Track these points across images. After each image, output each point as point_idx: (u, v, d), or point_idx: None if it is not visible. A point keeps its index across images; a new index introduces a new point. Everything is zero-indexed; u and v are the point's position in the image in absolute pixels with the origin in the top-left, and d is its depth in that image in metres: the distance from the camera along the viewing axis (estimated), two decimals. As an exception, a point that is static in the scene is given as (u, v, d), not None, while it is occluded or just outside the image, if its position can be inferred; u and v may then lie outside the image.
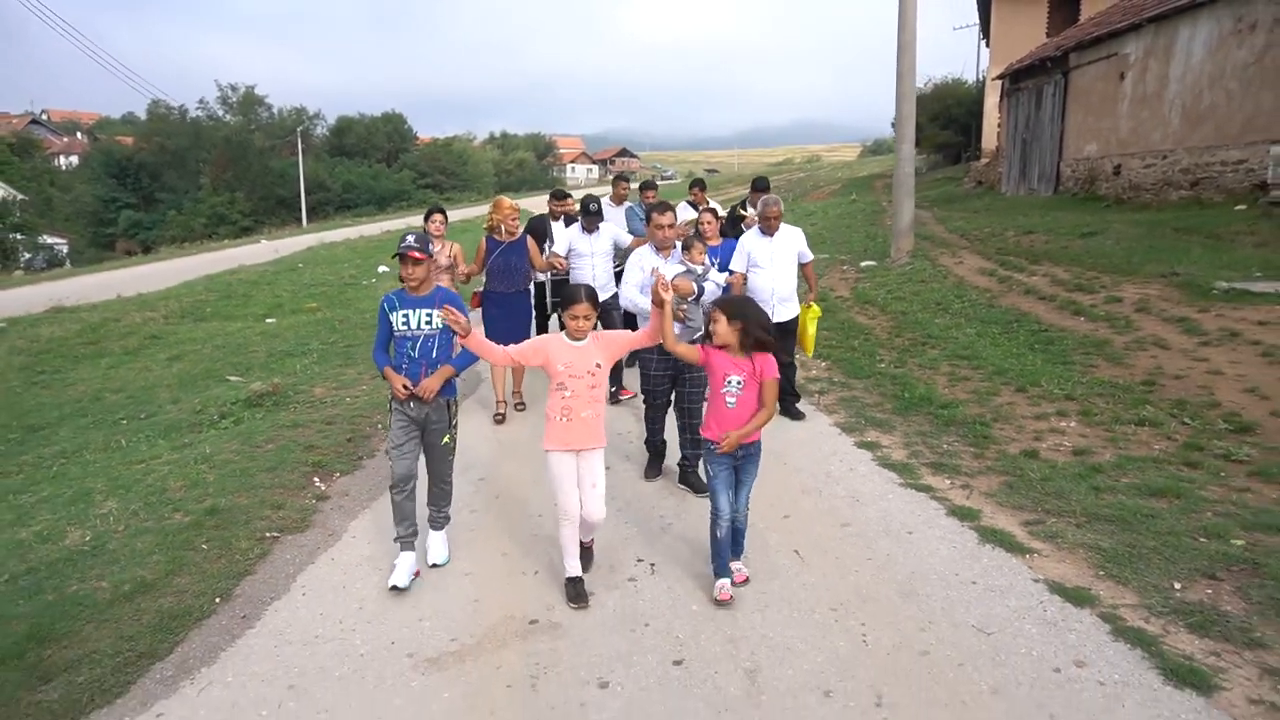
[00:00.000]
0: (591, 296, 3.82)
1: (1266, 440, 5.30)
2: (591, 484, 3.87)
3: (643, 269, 5.26)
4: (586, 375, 3.77)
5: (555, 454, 3.83)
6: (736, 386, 3.70)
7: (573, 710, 3.08)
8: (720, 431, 3.72)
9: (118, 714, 3.19)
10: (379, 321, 4.20)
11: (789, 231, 6.63)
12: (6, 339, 11.85)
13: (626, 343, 4.06)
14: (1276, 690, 2.94)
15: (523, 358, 3.89)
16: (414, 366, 4.11)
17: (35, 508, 5.38)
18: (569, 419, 3.77)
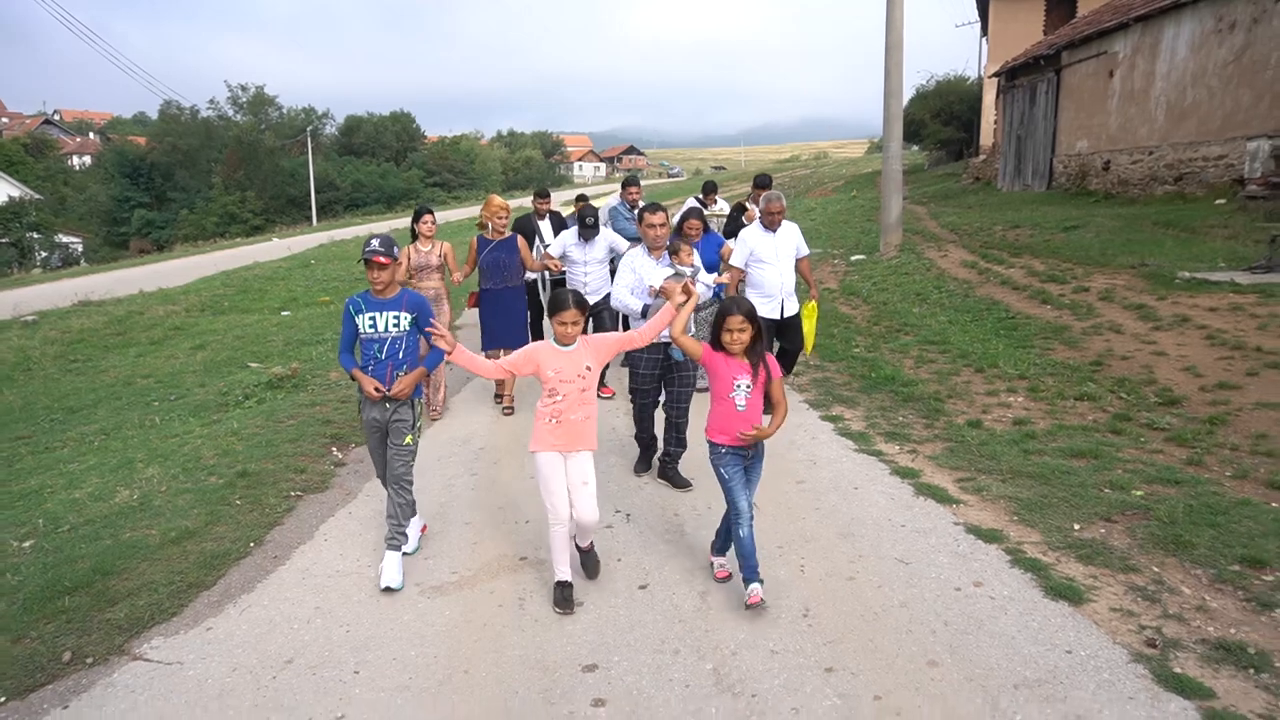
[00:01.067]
0: (579, 303, 3.80)
1: (1190, 411, 5.88)
2: (582, 482, 3.81)
3: (634, 270, 5.31)
4: (577, 379, 3.76)
5: (542, 454, 3.81)
6: (746, 389, 3.65)
7: (552, 623, 3.69)
8: (732, 434, 3.67)
9: (174, 628, 3.82)
10: (343, 324, 4.21)
11: (790, 228, 6.75)
12: (39, 330, 12.59)
13: (616, 343, 4.00)
14: (1135, 602, 3.53)
15: (514, 368, 3.85)
16: (380, 368, 4.13)
17: (84, 474, 6.03)
18: (558, 421, 3.77)
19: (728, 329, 3.61)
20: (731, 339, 3.62)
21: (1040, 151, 23.00)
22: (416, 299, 4.20)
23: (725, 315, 3.62)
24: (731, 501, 3.73)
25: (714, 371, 3.72)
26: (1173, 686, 2.94)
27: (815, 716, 2.92)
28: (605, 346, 3.94)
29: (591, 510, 3.85)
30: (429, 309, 4.21)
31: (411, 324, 4.16)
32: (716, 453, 3.77)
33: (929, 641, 3.32)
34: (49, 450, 7.02)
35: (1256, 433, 5.31)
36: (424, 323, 4.10)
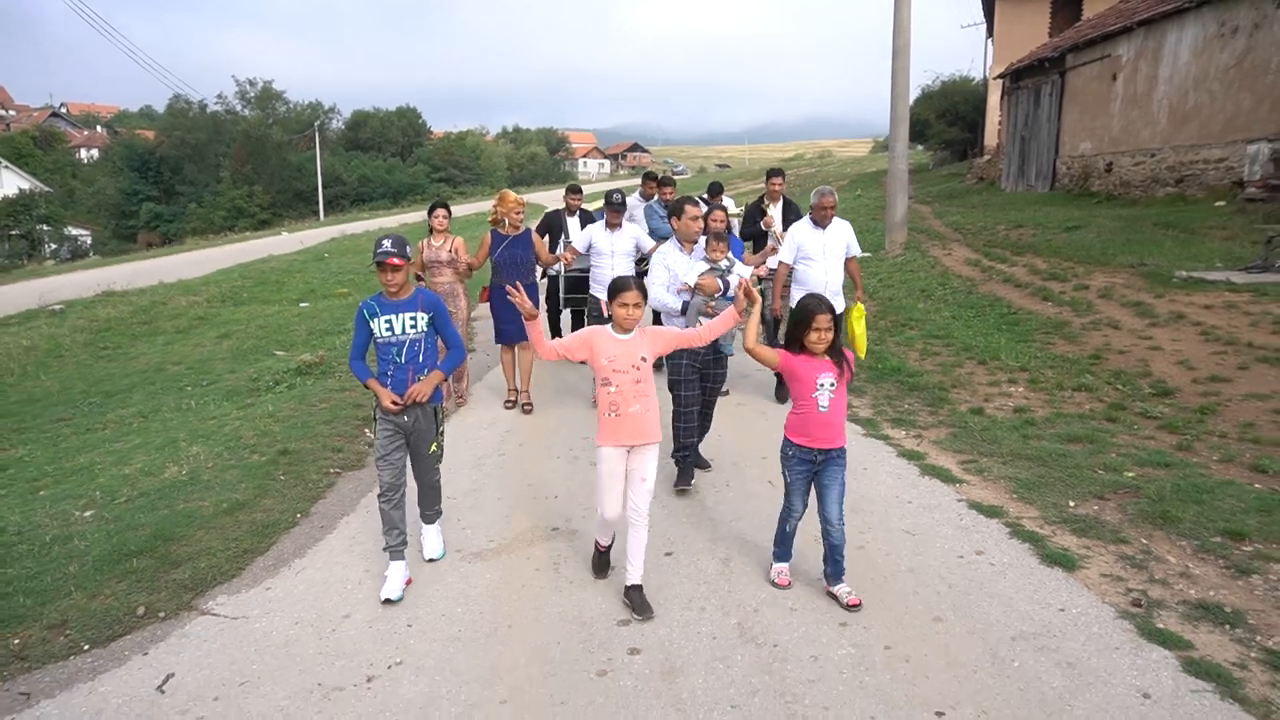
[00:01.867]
0: (641, 285, 3.70)
1: (1182, 402, 6.18)
2: (641, 477, 3.71)
3: (668, 268, 5.17)
4: (631, 370, 3.62)
5: (605, 449, 3.71)
6: (830, 389, 3.56)
7: (585, 583, 4.01)
8: (811, 436, 3.61)
9: (235, 588, 4.14)
10: (356, 329, 4.02)
11: (840, 224, 6.55)
12: (67, 319, 12.94)
13: (674, 339, 3.85)
14: (1123, 569, 3.85)
15: (569, 351, 3.73)
16: (400, 373, 3.97)
17: (131, 452, 6.35)
18: (616, 414, 3.64)
19: (815, 328, 3.50)
20: (819, 338, 3.51)
21: (1044, 153, 23.26)
22: (432, 298, 4.05)
23: (811, 314, 3.51)
24: (788, 499, 3.78)
25: (794, 374, 3.61)
26: (1155, 639, 3.25)
27: (832, 662, 3.23)
28: (663, 340, 3.80)
29: (644, 504, 3.72)
30: (445, 307, 4.11)
31: (429, 324, 4.03)
32: (785, 454, 3.72)
33: (934, 601, 3.64)
34: (91, 431, 7.34)
35: (1244, 421, 5.61)
36: (441, 322, 4.05)
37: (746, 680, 3.16)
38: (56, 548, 4.56)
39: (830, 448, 3.63)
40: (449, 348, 4.12)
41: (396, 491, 4.05)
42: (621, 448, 3.70)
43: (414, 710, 3.09)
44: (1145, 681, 3.02)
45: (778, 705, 3.00)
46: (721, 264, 5.02)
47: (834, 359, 3.57)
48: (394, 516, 4.05)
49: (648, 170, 11.73)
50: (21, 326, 12.89)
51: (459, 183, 69.27)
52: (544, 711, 3.05)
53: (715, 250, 5.09)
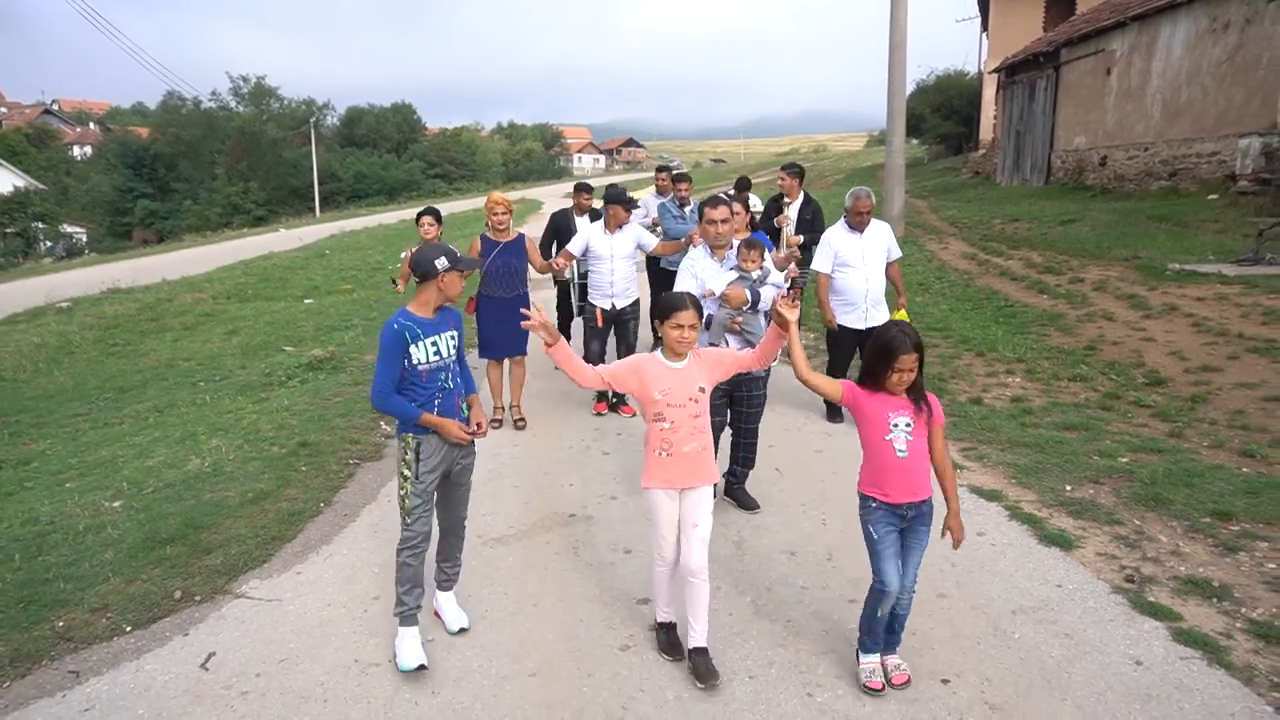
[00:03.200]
0: (697, 304, 3.25)
1: (1174, 391, 6.38)
2: (693, 524, 3.24)
3: (695, 276, 4.69)
4: (688, 403, 3.19)
5: (655, 492, 3.27)
6: (906, 429, 2.97)
7: (605, 566, 4.19)
8: (891, 486, 3.01)
9: (267, 573, 4.31)
10: (388, 356, 3.34)
11: (879, 227, 6.10)
12: (75, 316, 13.09)
13: (733, 363, 3.38)
14: (1117, 548, 4.05)
15: (616, 381, 3.25)
16: (448, 400, 3.48)
17: (151, 446, 6.51)
18: (669, 453, 3.21)
19: (899, 368, 2.89)
20: (900, 380, 2.92)
21: (1039, 147, 23.46)
22: (456, 314, 3.61)
23: (894, 351, 2.88)
24: (877, 570, 3.07)
25: (862, 413, 3.04)
26: (1147, 611, 3.45)
27: (843, 636, 3.42)
28: (721, 364, 3.34)
29: (700, 559, 3.24)
30: (460, 322, 3.67)
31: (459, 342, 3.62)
32: (867, 507, 3.10)
33: (938, 579, 3.83)
34: (109, 426, 7.49)
35: (1234, 409, 5.82)
36: (461, 337, 3.66)
37: (763, 653, 3.35)
38: (90, 536, 4.73)
39: (916, 500, 3.01)
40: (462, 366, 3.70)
41: (427, 542, 3.54)
42: (673, 489, 3.26)
43: (449, 682, 3.27)
44: (1138, 650, 3.21)
45: (792, 675, 3.19)
46: (753, 273, 4.58)
47: (912, 398, 2.98)
48: (419, 572, 3.54)
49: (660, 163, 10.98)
50: (30, 324, 13.04)
51: (454, 179, 69.34)
52: (572, 683, 3.23)
53: (747, 258, 4.60)
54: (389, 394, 3.37)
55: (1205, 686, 2.96)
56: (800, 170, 8.01)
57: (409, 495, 3.46)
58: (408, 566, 3.49)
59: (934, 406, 3.03)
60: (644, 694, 3.15)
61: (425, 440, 3.43)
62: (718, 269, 4.70)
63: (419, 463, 3.43)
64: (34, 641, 3.70)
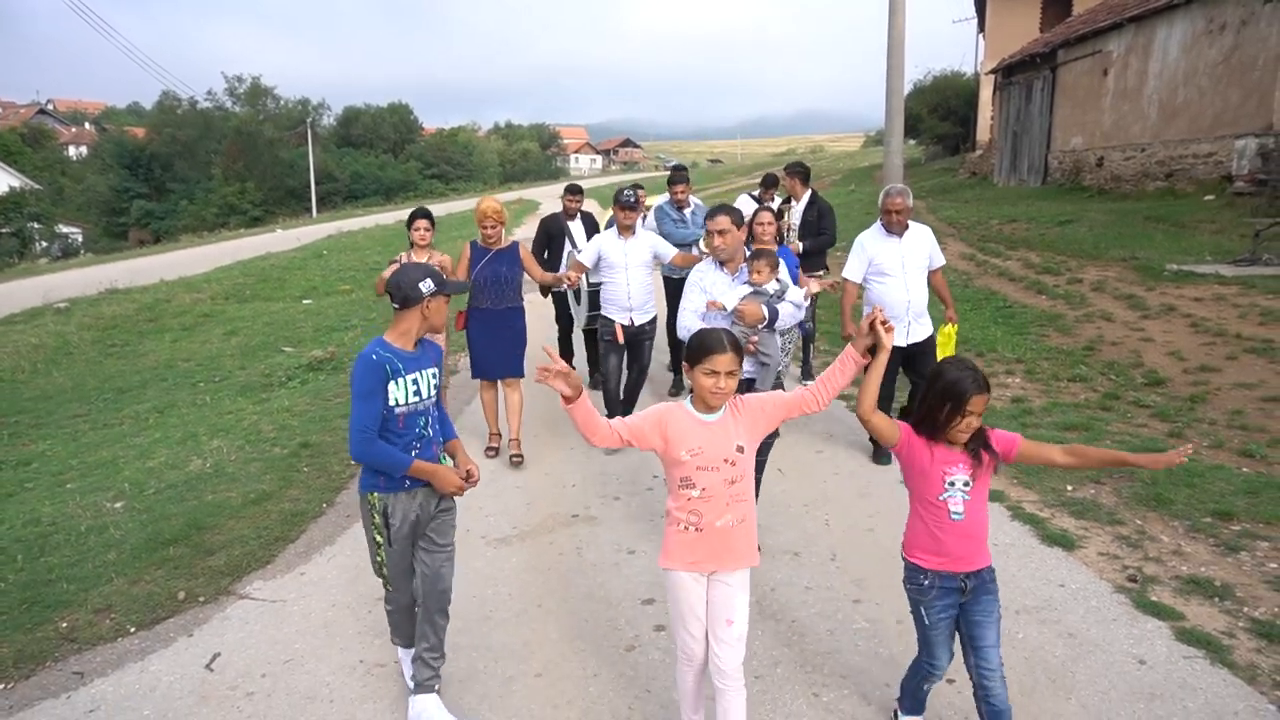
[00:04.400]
0: (736, 346, 2.59)
1: (1173, 391, 6.41)
2: (726, 620, 2.64)
3: (704, 290, 4.27)
4: (724, 465, 2.56)
5: (676, 575, 2.66)
6: (963, 488, 2.54)
7: (608, 567, 4.19)
8: (950, 558, 2.58)
9: (270, 574, 4.31)
10: (368, 394, 2.83)
11: (919, 231, 5.39)
12: (73, 316, 13.06)
13: (781, 406, 2.68)
14: (1119, 548, 4.07)
15: (636, 437, 2.63)
16: (426, 451, 2.99)
17: (152, 446, 6.50)
18: (698, 528, 2.59)
19: (970, 411, 2.45)
20: (968, 426, 2.48)
21: (1036, 147, 23.51)
22: (435, 348, 3.11)
23: (965, 394, 2.44)
24: (928, 652, 2.70)
25: (913, 464, 2.63)
26: (1149, 611, 3.46)
27: (848, 635, 3.44)
28: (765, 415, 2.66)
29: (733, 659, 2.63)
30: (441, 354, 3.20)
31: None
32: (916, 581, 2.69)
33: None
34: (108, 426, 7.48)
35: (1233, 409, 5.84)
36: (440, 374, 3.18)
37: (768, 653, 3.36)
38: (92, 537, 4.73)
39: (977, 569, 2.60)
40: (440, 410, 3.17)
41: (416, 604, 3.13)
42: (699, 573, 2.64)
43: (455, 684, 3.28)
44: (1141, 650, 3.22)
45: (798, 675, 3.20)
46: (767, 288, 4.11)
47: (970, 448, 2.54)
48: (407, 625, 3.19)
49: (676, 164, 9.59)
50: (28, 324, 13.01)
51: (451, 179, 69.32)
52: (578, 683, 3.24)
53: (758, 272, 4.15)
54: (372, 439, 2.83)
55: (1208, 685, 2.98)
56: (803, 169, 7.61)
57: (385, 563, 3.05)
58: (399, 626, 3.22)
59: (996, 441, 2.56)
60: (650, 694, 3.15)
61: (394, 499, 2.96)
62: (729, 283, 4.25)
63: (390, 528, 2.97)
64: (38, 643, 3.70)
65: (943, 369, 2.55)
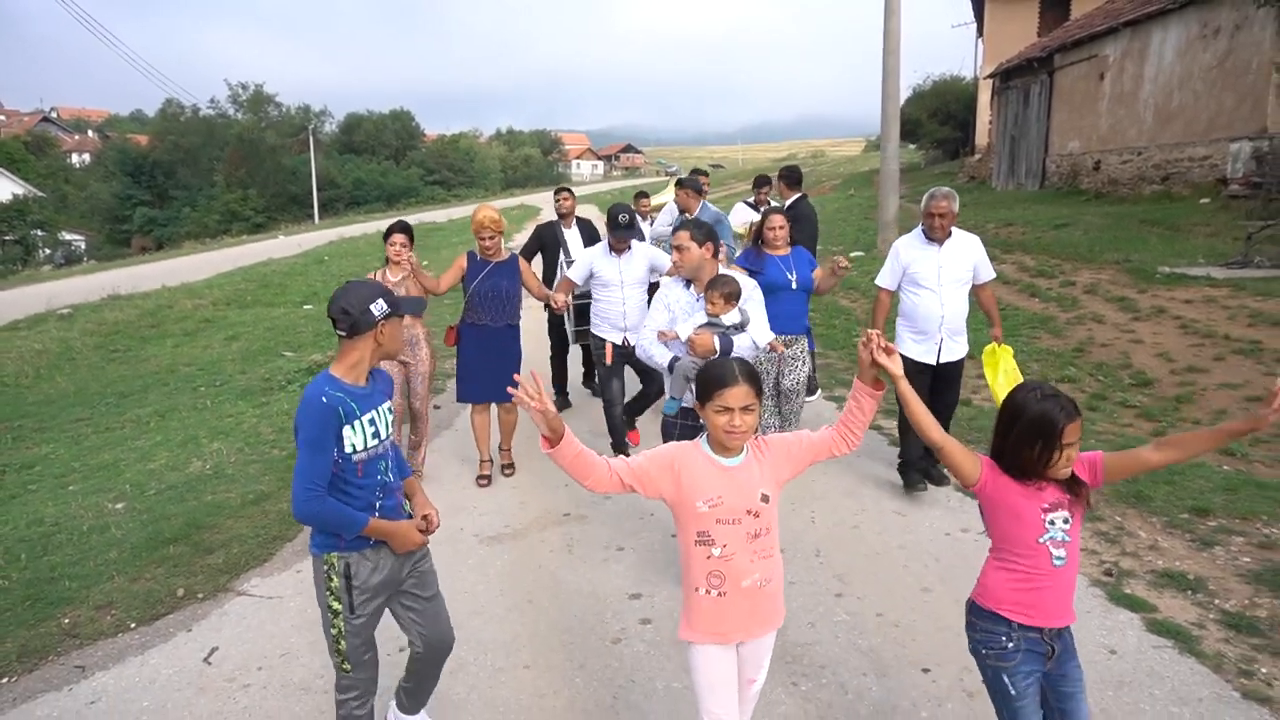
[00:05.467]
0: (752, 376, 2.27)
1: (1160, 392, 6.49)
2: (749, 679, 2.43)
3: (669, 308, 3.98)
4: (747, 517, 2.26)
5: (700, 649, 2.34)
6: (1064, 528, 2.17)
7: (598, 564, 4.29)
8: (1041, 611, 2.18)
9: (268, 571, 4.41)
10: (316, 443, 2.41)
11: (964, 239, 4.89)
12: (76, 322, 13.21)
13: (807, 454, 2.42)
14: (1098, 543, 4.17)
15: (641, 482, 2.31)
16: (391, 498, 2.63)
17: (153, 449, 6.61)
18: (721, 592, 2.27)
19: (1065, 442, 2.09)
20: (1064, 460, 2.11)
21: (1033, 151, 23.62)
22: (386, 378, 2.73)
23: (1056, 424, 2.08)
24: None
25: (1004, 507, 2.22)
26: (1123, 603, 3.55)
27: (829, 627, 3.52)
28: (791, 458, 2.39)
29: (748, 713, 2.51)
30: (391, 384, 2.79)
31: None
32: (996, 640, 2.23)
33: (923, 574, 3.93)
34: (110, 430, 7.58)
35: (1217, 409, 5.93)
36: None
37: (750, 644, 3.45)
38: (94, 536, 4.83)
39: (1064, 626, 2.22)
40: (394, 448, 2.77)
41: (375, 686, 2.78)
42: (726, 644, 2.33)
43: (445, 675, 3.34)
44: (1112, 640, 3.31)
45: (779, 665, 3.28)
46: (725, 319, 3.77)
47: (1064, 481, 2.17)
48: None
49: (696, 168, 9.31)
50: (31, 330, 13.15)
51: (453, 185, 69.57)
52: (564, 674, 3.33)
53: (714, 302, 3.78)
54: (322, 496, 2.42)
55: (1175, 674, 3.06)
56: (789, 173, 7.43)
57: (343, 635, 2.58)
58: (358, 707, 2.70)
59: (1083, 469, 2.20)
60: (634, 684, 3.24)
61: (358, 559, 2.54)
62: (693, 303, 3.94)
63: (352, 592, 2.55)
64: (41, 638, 3.80)
65: (1023, 402, 2.16)
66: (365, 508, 2.51)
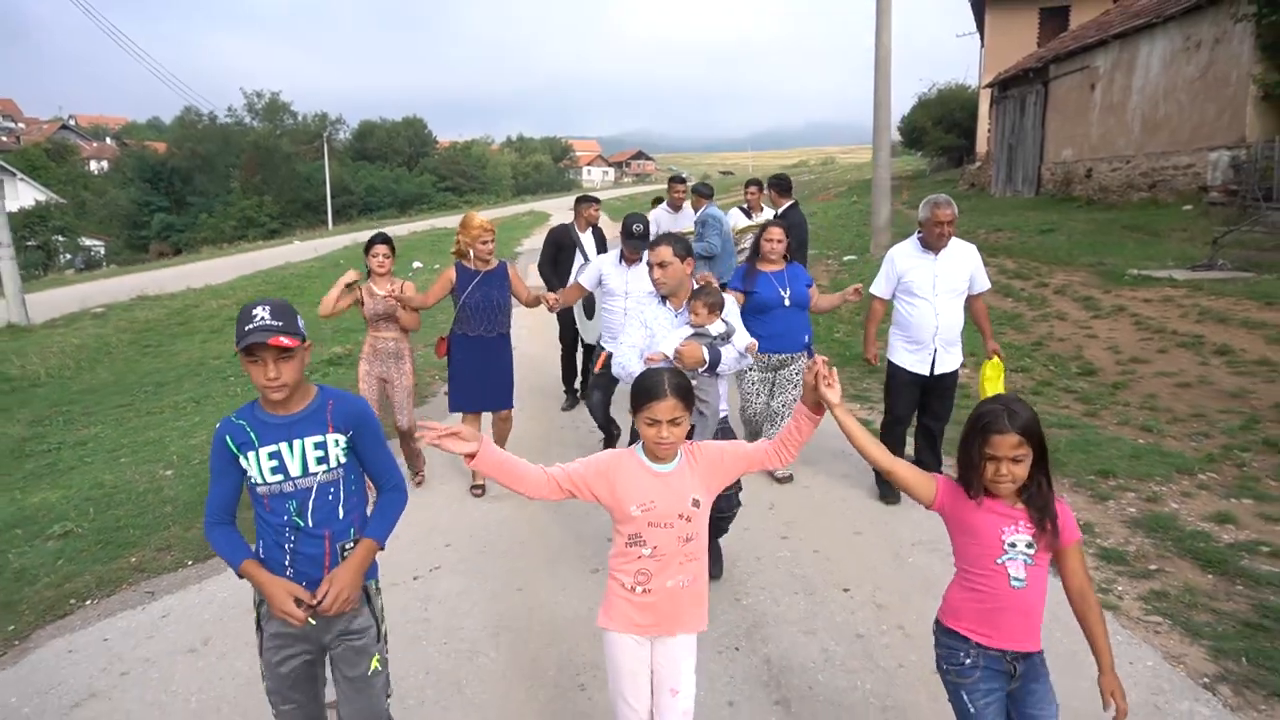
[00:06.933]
0: (682, 389, 2.37)
1: (1101, 380, 7.16)
2: (671, 689, 2.47)
3: (646, 325, 3.89)
4: (678, 521, 2.37)
5: (615, 637, 2.45)
6: (1026, 552, 2.16)
7: (582, 516, 4.98)
8: (1000, 634, 2.19)
9: (301, 523, 5.13)
10: (215, 476, 2.34)
11: (961, 248, 4.85)
12: (109, 321, 14.06)
13: (738, 464, 2.49)
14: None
15: (578, 487, 2.42)
16: (307, 545, 2.30)
17: (193, 428, 7.36)
18: (646, 588, 2.39)
19: (993, 454, 2.11)
20: (997, 473, 2.13)
21: (1029, 159, 24.23)
22: (350, 405, 2.42)
23: (986, 429, 2.13)
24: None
25: (961, 525, 2.27)
26: (1020, 542, 4.22)
27: (772, 561, 4.22)
28: (723, 466, 2.47)
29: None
30: (372, 416, 2.46)
31: (350, 451, 2.38)
32: (955, 657, 2.26)
33: (857, 520, 4.63)
34: (151, 414, 8.35)
35: (1148, 393, 6.59)
36: (368, 440, 2.41)
37: (705, 573, 4.14)
38: (150, 496, 5.57)
39: (1027, 651, 2.20)
40: (381, 488, 2.47)
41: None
42: (643, 636, 2.44)
43: (451, 597, 4.08)
44: (1005, 569, 3.99)
45: (725, 589, 3.97)
46: (711, 329, 3.74)
47: (1034, 508, 2.18)
48: None
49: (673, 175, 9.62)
50: (69, 327, 13.99)
51: (465, 192, 70.59)
52: (550, 596, 4.04)
53: (698, 313, 3.74)
54: (214, 523, 2.35)
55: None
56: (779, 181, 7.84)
57: (263, 674, 2.38)
58: None
59: (1063, 520, 2.18)
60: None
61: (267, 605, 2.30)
62: (671, 319, 3.86)
63: (262, 631, 2.36)
64: (113, 572, 4.53)
65: (981, 405, 2.22)
66: (274, 546, 2.30)
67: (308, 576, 2.28)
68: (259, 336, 2.16)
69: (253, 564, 2.29)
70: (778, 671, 3.30)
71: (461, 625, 3.82)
